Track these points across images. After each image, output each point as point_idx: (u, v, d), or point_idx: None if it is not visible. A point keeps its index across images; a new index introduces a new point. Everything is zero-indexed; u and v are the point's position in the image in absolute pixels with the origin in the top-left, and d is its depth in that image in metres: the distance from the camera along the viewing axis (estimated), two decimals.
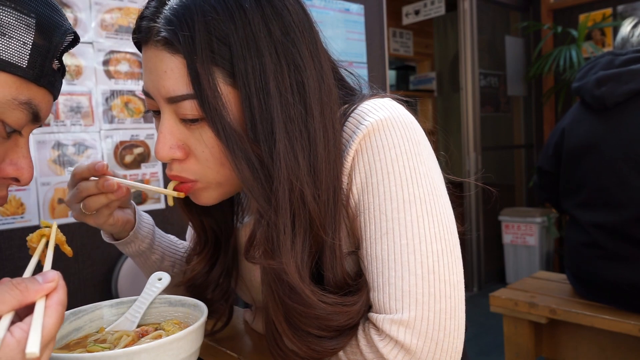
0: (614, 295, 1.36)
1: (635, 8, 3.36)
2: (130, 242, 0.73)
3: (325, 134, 0.54)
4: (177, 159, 0.57)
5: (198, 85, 0.52)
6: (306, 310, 0.53)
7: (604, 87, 1.31)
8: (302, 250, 0.53)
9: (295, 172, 0.52)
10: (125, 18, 1.73)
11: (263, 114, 0.52)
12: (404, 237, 0.53)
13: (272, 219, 0.52)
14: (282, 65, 0.53)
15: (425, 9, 3.71)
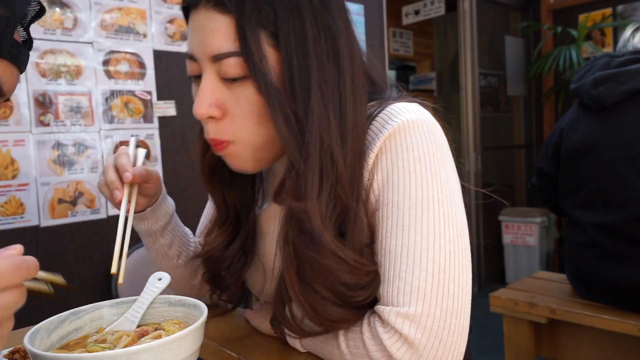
0: (614, 295, 1.36)
1: (635, 8, 3.36)
2: (144, 219, 0.75)
3: (353, 100, 0.58)
4: (213, 117, 0.59)
5: (245, 43, 0.55)
6: (319, 260, 0.55)
7: (602, 87, 1.31)
8: (327, 202, 0.56)
9: (326, 128, 0.56)
10: (125, 18, 1.73)
11: (301, 74, 0.56)
12: (419, 234, 0.55)
13: (301, 168, 0.56)
14: (320, 32, 0.57)
15: (425, 9, 3.71)
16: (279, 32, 0.56)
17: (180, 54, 1.87)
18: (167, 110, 1.83)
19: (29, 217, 1.56)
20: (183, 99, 1.88)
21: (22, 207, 1.54)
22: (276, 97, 0.56)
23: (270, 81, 0.55)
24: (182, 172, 1.88)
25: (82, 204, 1.66)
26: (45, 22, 1.58)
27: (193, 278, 0.83)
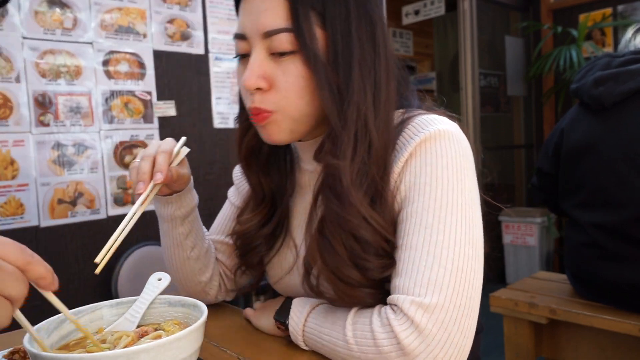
0: (614, 295, 1.36)
1: (635, 8, 3.36)
2: (170, 203, 0.78)
3: (386, 79, 0.66)
4: (260, 88, 0.65)
5: (297, 21, 0.62)
6: (344, 216, 0.61)
7: (602, 87, 1.31)
8: (359, 167, 0.63)
9: (363, 99, 0.63)
10: (125, 18, 1.73)
11: (344, 52, 0.63)
12: (441, 234, 0.59)
13: (339, 132, 0.63)
14: (361, 17, 0.65)
15: (425, 9, 3.71)
16: (327, 14, 0.63)
17: (180, 54, 1.87)
18: (167, 111, 1.83)
19: (29, 218, 1.56)
20: (183, 99, 1.88)
21: (21, 207, 1.54)
22: (322, 70, 0.62)
23: (317, 56, 0.62)
24: None
25: (81, 204, 1.66)
26: (45, 22, 1.58)
27: (200, 274, 0.84)
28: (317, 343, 0.65)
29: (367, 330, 0.58)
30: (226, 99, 2.00)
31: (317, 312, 0.67)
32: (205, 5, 1.94)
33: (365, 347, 0.58)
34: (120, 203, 1.73)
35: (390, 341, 0.56)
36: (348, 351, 0.60)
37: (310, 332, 0.66)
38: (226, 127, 2.00)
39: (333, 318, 0.64)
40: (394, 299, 0.58)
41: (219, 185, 1.95)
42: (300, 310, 0.68)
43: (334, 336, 0.62)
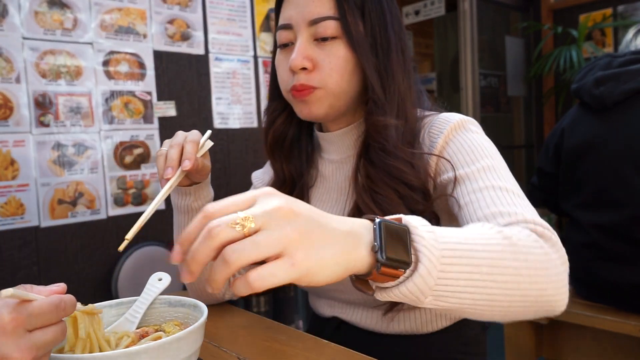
0: (615, 296, 1.36)
1: (635, 8, 3.36)
2: (188, 194, 0.83)
3: (410, 63, 0.78)
4: (305, 68, 0.73)
5: (342, 10, 0.71)
6: (391, 163, 0.70)
7: (603, 86, 1.31)
8: (403, 130, 0.72)
9: (400, 80, 0.74)
10: (125, 18, 1.73)
11: (382, 40, 0.74)
12: (496, 174, 0.67)
13: (383, 102, 0.73)
14: (392, 15, 0.76)
15: (425, 10, 3.71)
16: (365, 8, 0.73)
17: (180, 55, 1.87)
18: (167, 111, 1.82)
19: (29, 218, 1.56)
20: (183, 100, 1.88)
21: (22, 207, 1.54)
22: (364, 52, 0.72)
23: (360, 41, 0.72)
24: None
25: (82, 204, 1.66)
26: (45, 23, 1.58)
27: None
28: (461, 264, 0.47)
29: (516, 230, 0.55)
30: (226, 99, 2.00)
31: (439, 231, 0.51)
32: (206, 6, 1.94)
33: (526, 241, 0.53)
34: (120, 203, 1.73)
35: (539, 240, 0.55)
36: (509, 247, 0.51)
37: (452, 252, 0.47)
38: (226, 127, 2.00)
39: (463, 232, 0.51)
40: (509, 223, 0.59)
41: (219, 186, 1.95)
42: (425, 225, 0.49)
43: (485, 239, 0.50)
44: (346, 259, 0.43)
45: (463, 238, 0.48)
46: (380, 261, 0.44)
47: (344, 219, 0.45)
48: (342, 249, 0.43)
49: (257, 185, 0.98)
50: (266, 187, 0.44)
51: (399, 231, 0.46)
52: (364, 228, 0.46)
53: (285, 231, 0.40)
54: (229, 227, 0.40)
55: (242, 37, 2.04)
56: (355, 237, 0.44)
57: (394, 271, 0.45)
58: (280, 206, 0.41)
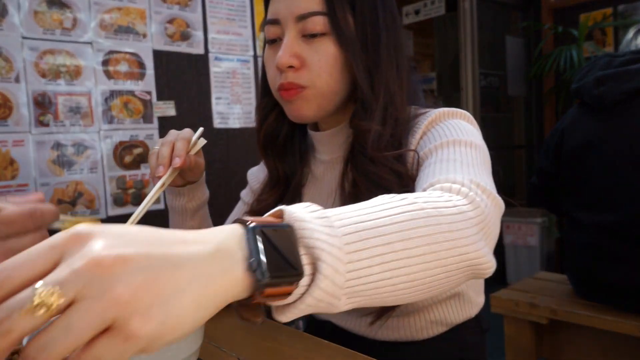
0: (615, 297, 1.35)
1: (636, 8, 3.36)
2: (181, 195, 0.82)
3: (405, 59, 0.75)
4: (293, 66, 0.70)
5: (331, 5, 0.68)
6: (376, 172, 0.67)
7: (603, 86, 1.31)
8: (391, 133, 0.69)
9: (390, 77, 0.71)
10: (124, 18, 1.73)
11: (372, 36, 0.70)
12: (459, 148, 0.63)
13: (371, 102, 0.70)
14: (385, 9, 0.73)
15: (425, 9, 3.70)
16: (356, 2, 0.70)
17: (179, 54, 1.86)
18: (166, 111, 1.82)
19: None
20: (182, 99, 1.87)
21: None
22: (354, 49, 0.69)
23: (349, 37, 0.69)
24: None
25: (81, 204, 1.65)
26: (44, 22, 1.57)
27: None
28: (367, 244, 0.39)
29: (425, 193, 0.49)
30: (226, 99, 1.99)
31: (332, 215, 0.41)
32: (205, 5, 1.93)
33: (436, 201, 0.46)
34: (120, 203, 1.73)
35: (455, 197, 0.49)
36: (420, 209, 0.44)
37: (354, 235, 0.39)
38: (226, 127, 2.00)
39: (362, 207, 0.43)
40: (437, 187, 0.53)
41: (219, 185, 1.95)
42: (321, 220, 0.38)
43: (390, 208, 0.42)
44: (214, 293, 0.32)
45: (364, 214, 0.40)
46: (261, 282, 0.33)
47: (207, 234, 0.34)
48: (205, 282, 0.31)
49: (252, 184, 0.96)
50: (79, 226, 0.30)
51: (281, 234, 0.35)
52: (235, 240, 0.34)
53: (110, 295, 0.27)
54: (24, 317, 0.26)
55: (242, 36, 2.03)
56: (223, 256, 0.33)
57: (284, 288, 0.34)
58: (97, 258, 0.28)
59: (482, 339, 0.85)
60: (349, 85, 0.73)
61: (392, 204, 0.43)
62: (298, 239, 0.36)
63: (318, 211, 0.38)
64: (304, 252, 0.36)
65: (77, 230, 0.30)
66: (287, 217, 0.37)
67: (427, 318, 0.78)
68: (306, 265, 0.35)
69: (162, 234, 0.32)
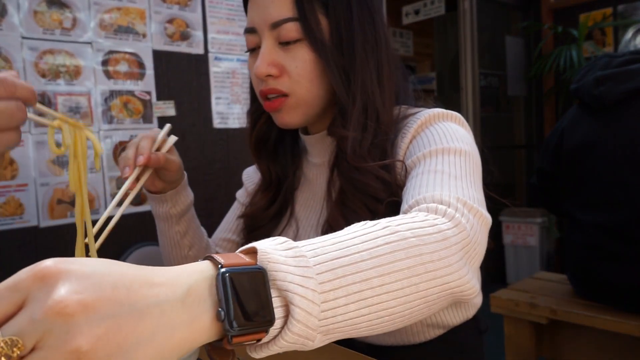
0: (615, 296, 1.35)
1: (635, 8, 3.36)
2: (164, 201, 0.81)
3: (387, 59, 0.73)
4: (272, 75, 0.69)
5: (302, 10, 0.67)
6: (361, 179, 0.66)
7: (602, 86, 1.31)
8: (372, 137, 0.68)
9: (367, 77, 0.69)
10: (124, 18, 1.73)
11: (347, 36, 0.69)
12: (446, 163, 0.62)
13: (349, 108, 0.69)
14: (361, 4, 0.70)
15: (425, 9, 3.70)
16: (329, 2, 0.68)
17: (179, 54, 1.86)
18: (166, 111, 1.82)
19: (28, 218, 1.55)
20: (182, 99, 1.87)
21: (21, 207, 1.54)
22: (327, 54, 0.68)
23: (322, 41, 0.67)
24: None
25: None
26: (44, 22, 1.57)
27: None
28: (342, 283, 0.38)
29: (408, 218, 0.47)
30: (226, 99, 1.99)
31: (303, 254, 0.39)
32: (205, 5, 1.93)
33: (419, 227, 0.45)
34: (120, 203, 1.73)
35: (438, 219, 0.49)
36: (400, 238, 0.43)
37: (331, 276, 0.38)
38: (226, 127, 2.00)
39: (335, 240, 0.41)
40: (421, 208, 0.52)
41: (219, 185, 1.95)
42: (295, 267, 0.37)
43: (369, 240, 0.41)
44: (179, 341, 0.31)
45: (342, 248, 0.39)
46: (229, 333, 0.32)
47: (176, 275, 0.33)
48: (170, 333, 0.30)
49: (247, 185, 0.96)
50: (44, 263, 0.29)
51: (253, 277, 0.34)
52: (206, 283, 0.33)
53: (69, 346, 0.26)
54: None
55: (241, 36, 2.03)
56: (192, 304, 0.32)
57: (253, 336, 0.34)
58: (60, 305, 0.27)
59: (480, 340, 0.85)
60: (331, 89, 0.71)
61: (372, 234, 0.42)
62: (270, 281, 0.35)
63: (293, 249, 0.37)
64: (276, 294, 0.35)
65: (41, 269, 0.29)
66: (260, 257, 0.36)
67: (424, 321, 0.77)
68: (278, 308, 0.35)
69: (130, 275, 0.31)
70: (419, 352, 0.78)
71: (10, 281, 0.29)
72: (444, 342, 0.79)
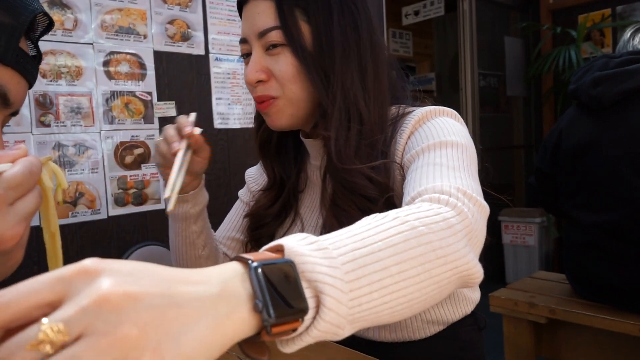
0: (614, 296, 1.36)
1: (634, 9, 3.37)
2: (185, 201, 0.83)
3: (373, 59, 0.74)
4: (261, 80, 0.74)
5: (283, 18, 0.71)
6: (349, 179, 0.68)
7: (600, 87, 1.32)
8: (357, 138, 0.70)
9: (348, 79, 0.72)
10: (125, 19, 1.73)
11: (327, 39, 0.72)
12: (444, 156, 0.64)
13: (329, 109, 0.71)
14: (343, 7, 0.73)
15: (424, 10, 3.71)
16: (310, 8, 0.72)
17: (180, 55, 1.87)
18: (167, 111, 1.83)
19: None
20: (183, 100, 1.88)
21: None
22: (308, 58, 0.71)
23: (303, 46, 0.71)
24: None
25: (82, 204, 1.66)
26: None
27: None
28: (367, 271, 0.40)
29: (414, 208, 0.49)
30: (226, 100, 2.00)
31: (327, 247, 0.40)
32: (206, 6, 1.94)
33: (426, 216, 0.47)
34: (120, 203, 1.74)
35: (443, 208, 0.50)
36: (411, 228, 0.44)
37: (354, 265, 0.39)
38: (226, 127, 2.00)
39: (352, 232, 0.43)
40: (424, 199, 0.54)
41: (219, 185, 1.96)
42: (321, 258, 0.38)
43: (383, 230, 0.43)
44: (221, 333, 0.32)
45: (359, 240, 0.41)
46: (268, 322, 0.33)
47: (210, 273, 0.34)
48: (212, 322, 0.31)
49: (250, 185, 0.98)
50: (87, 261, 0.30)
51: (284, 271, 0.35)
52: (238, 279, 0.34)
53: (120, 332, 0.27)
54: (28, 352, 0.26)
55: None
56: (229, 297, 0.33)
57: (290, 325, 0.35)
58: (105, 294, 0.28)
59: (479, 336, 0.86)
60: (316, 92, 0.74)
61: (384, 225, 0.44)
62: (300, 274, 0.36)
63: (315, 243, 0.39)
64: (306, 285, 0.36)
65: (84, 265, 0.29)
66: (287, 252, 0.37)
67: (423, 318, 0.79)
68: (309, 299, 0.36)
69: (167, 273, 0.32)
70: (420, 348, 0.79)
71: (52, 273, 0.29)
72: (443, 339, 0.80)
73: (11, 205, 0.42)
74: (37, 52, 0.55)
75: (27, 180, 0.43)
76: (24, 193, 0.43)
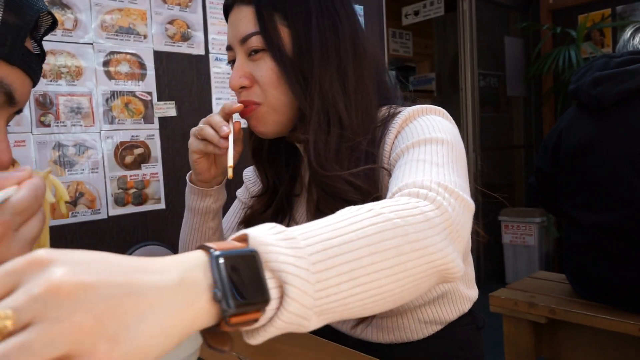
0: (614, 296, 1.36)
1: (634, 9, 3.37)
2: (209, 195, 0.85)
3: (354, 62, 0.74)
4: (244, 86, 0.74)
5: (263, 24, 0.72)
6: (331, 184, 0.68)
7: (600, 87, 1.32)
8: (337, 141, 0.70)
9: (326, 82, 0.71)
10: (125, 19, 1.73)
11: (306, 42, 0.72)
12: (428, 152, 0.63)
13: (308, 112, 0.71)
14: (322, 10, 0.73)
15: (424, 10, 3.71)
16: (288, 12, 0.72)
17: (180, 55, 1.87)
18: (167, 111, 1.83)
19: None
20: (183, 100, 1.88)
21: None
22: (287, 63, 0.71)
23: (282, 51, 0.71)
24: (182, 173, 1.88)
25: (82, 204, 1.66)
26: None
27: None
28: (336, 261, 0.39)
29: (392, 201, 0.48)
30: (226, 100, 2.00)
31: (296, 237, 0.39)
32: (206, 6, 1.94)
33: (403, 209, 0.46)
34: (121, 203, 1.74)
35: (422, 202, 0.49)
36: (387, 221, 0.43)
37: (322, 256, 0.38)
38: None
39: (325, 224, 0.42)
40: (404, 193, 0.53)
41: None
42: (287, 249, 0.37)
43: (356, 222, 0.42)
44: (180, 322, 0.31)
45: (331, 230, 0.40)
46: (227, 312, 0.33)
47: (170, 262, 0.33)
48: (171, 311, 0.30)
49: (248, 185, 0.99)
50: (38, 251, 0.29)
51: (246, 259, 0.35)
52: (200, 269, 0.34)
53: (72, 320, 0.26)
54: None
55: None
56: (189, 287, 0.32)
57: (250, 315, 0.34)
58: (57, 284, 0.27)
59: (478, 336, 0.86)
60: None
61: (359, 216, 0.43)
62: (263, 263, 0.35)
63: (282, 232, 0.38)
64: (270, 275, 0.35)
65: (36, 256, 0.28)
66: (252, 241, 0.36)
67: (420, 318, 0.78)
68: (273, 289, 0.35)
69: (124, 262, 0.31)
70: (418, 349, 0.79)
71: (4, 265, 0.28)
72: (442, 339, 0.80)
73: (16, 231, 0.42)
74: (40, 51, 0.56)
75: (32, 205, 0.43)
76: (29, 217, 0.43)
